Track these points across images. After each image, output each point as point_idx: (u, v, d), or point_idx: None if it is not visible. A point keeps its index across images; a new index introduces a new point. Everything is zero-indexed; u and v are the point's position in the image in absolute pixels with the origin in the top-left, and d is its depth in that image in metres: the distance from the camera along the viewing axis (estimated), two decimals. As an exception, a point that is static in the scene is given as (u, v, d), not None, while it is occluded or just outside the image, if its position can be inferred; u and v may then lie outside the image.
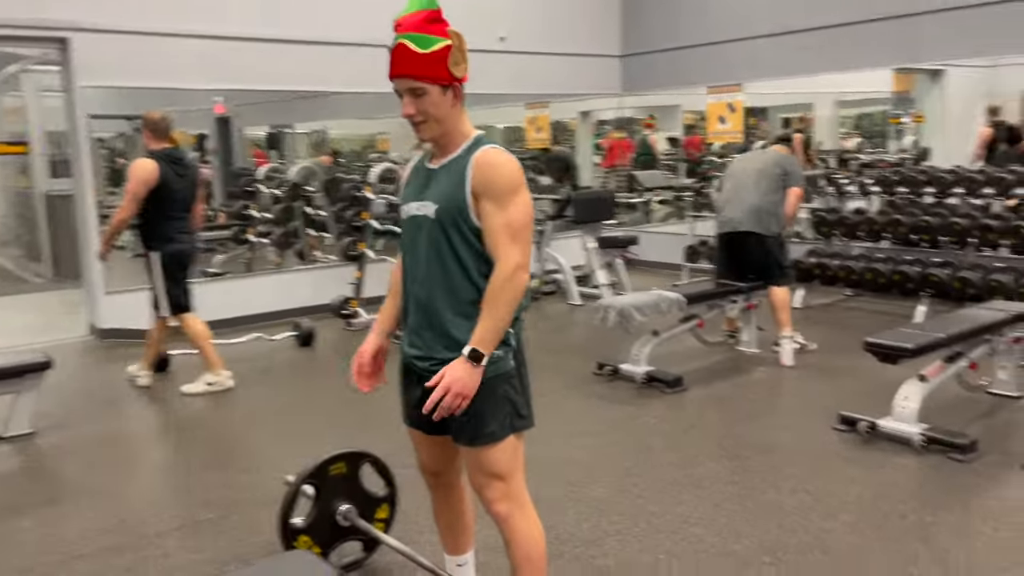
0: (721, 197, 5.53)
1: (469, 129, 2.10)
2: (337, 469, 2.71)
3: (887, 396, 4.06)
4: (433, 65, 1.97)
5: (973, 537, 2.95)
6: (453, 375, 1.96)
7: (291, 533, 2.64)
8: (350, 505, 2.74)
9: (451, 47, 1.99)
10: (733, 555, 2.87)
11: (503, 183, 2.00)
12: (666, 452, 3.85)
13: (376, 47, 6.94)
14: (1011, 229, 5.84)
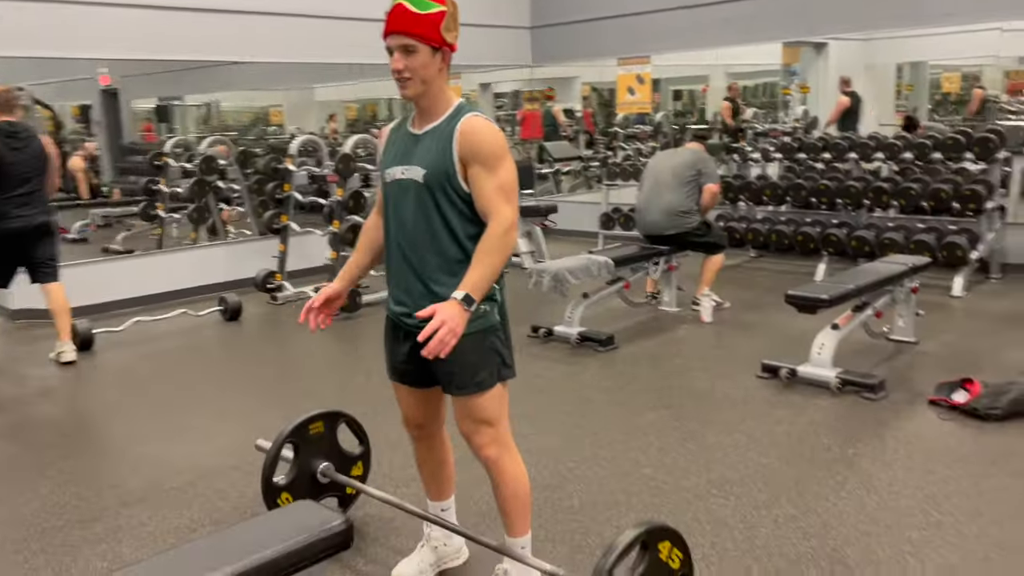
0: (640, 198, 5.69)
1: (452, 96, 2.20)
2: (315, 428, 2.79)
3: (799, 346, 4.42)
4: (427, 26, 2.07)
5: (890, 462, 3.30)
6: (445, 313, 2.03)
7: (274, 491, 2.70)
8: (328, 463, 2.83)
9: (446, 13, 2.09)
10: (685, 490, 3.11)
11: (489, 149, 2.12)
12: (608, 405, 4.08)
13: (272, 15, 6.97)
14: (900, 191, 6.35)
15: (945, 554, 2.61)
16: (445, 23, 2.09)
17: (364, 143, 6.37)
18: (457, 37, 2.14)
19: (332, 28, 7.28)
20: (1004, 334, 5.03)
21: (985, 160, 6.10)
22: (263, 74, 10.22)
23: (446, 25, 2.10)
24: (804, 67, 10.60)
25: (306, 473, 2.77)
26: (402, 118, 2.33)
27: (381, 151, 2.35)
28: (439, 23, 2.09)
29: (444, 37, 2.10)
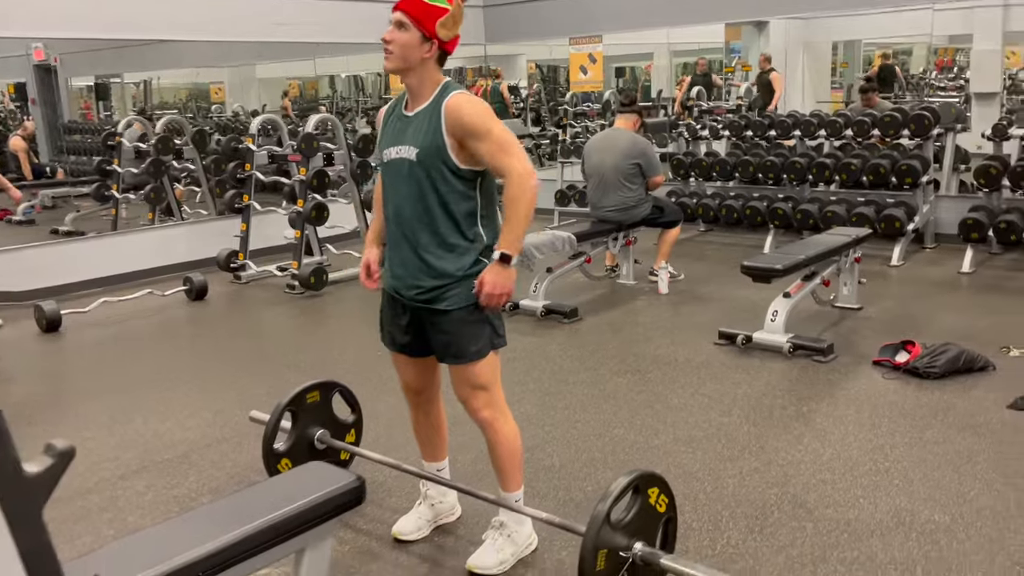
0: (589, 194, 5.82)
1: (439, 78, 2.35)
2: (312, 397, 2.93)
3: (751, 315, 4.70)
4: (426, 13, 2.22)
5: (841, 418, 3.58)
6: (492, 279, 2.26)
7: (274, 457, 2.84)
8: (324, 430, 2.97)
9: (447, 11, 2.24)
10: (655, 448, 3.34)
11: (474, 119, 2.27)
12: (577, 372, 4.29)
13: None
14: (842, 167, 6.68)
15: (894, 496, 2.89)
16: (444, 20, 2.24)
17: (325, 123, 6.41)
18: (451, 38, 2.29)
19: (271, 6, 7.26)
20: (938, 299, 5.39)
21: (920, 137, 6.46)
22: (204, 51, 10.09)
23: (444, 22, 2.24)
24: (746, 45, 10.92)
25: (304, 440, 2.91)
26: (395, 100, 2.46)
27: (379, 132, 2.48)
28: (438, 17, 2.23)
29: (437, 31, 2.25)
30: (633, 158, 5.56)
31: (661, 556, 2.13)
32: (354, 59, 13.01)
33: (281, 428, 2.91)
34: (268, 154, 6.51)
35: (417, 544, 2.66)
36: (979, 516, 2.74)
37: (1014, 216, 5.73)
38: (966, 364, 3.98)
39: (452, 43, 2.31)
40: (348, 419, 3.08)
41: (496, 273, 2.27)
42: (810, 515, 2.79)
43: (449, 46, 2.31)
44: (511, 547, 2.50)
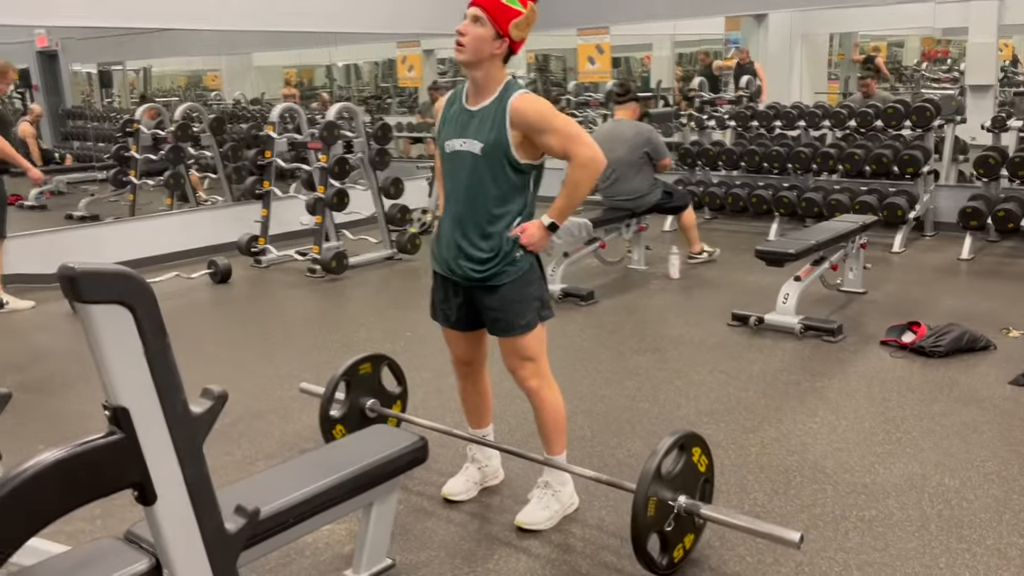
0: (599, 182, 5.85)
1: (503, 76, 2.52)
2: (364, 369, 3.11)
3: (760, 298, 4.90)
4: (502, 12, 2.40)
5: (853, 393, 3.80)
6: (532, 233, 2.51)
7: (330, 422, 3.02)
8: (375, 399, 3.16)
9: (521, 14, 2.41)
10: (680, 419, 3.54)
11: (539, 117, 2.46)
12: (599, 351, 4.49)
13: None
14: (845, 156, 6.89)
15: (906, 462, 3.10)
16: (518, 21, 2.41)
17: (346, 111, 6.57)
18: (521, 39, 2.47)
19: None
20: (939, 284, 5.61)
21: (921, 128, 6.67)
22: (207, 39, 10.21)
23: (518, 23, 2.42)
24: (745, 36, 11.09)
25: (356, 408, 3.10)
26: (454, 93, 2.64)
27: (438, 122, 2.66)
28: (513, 17, 2.40)
29: (510, 30, 2.42)
30: (641, 147, 5.76)
31: (702, 507, 2.33)
32: (353, 48, 13.12)
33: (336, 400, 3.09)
34: (288, 141, 6.66)
35: (466, 504, 2.86)
36: (986, 480, 2.95)
37: (1012, 205, 5.95)
38: (969, 344, 4.20)
39: (519, 44, 2.49)
40: (395, 390, 3.26)
41: (537, 229, 2.51)
42: (829, 479, 2.99)
43: (517, 46, 2.48)
44: (557, 504, 2.71)
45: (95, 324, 1.27)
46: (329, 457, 2.31)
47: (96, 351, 1.30)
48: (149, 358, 1.32)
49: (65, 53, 11.22)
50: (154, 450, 1.33)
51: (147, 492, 1.33)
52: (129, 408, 1.30)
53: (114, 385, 1.30)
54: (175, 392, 1.34)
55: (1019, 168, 6.05)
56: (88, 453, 1.28)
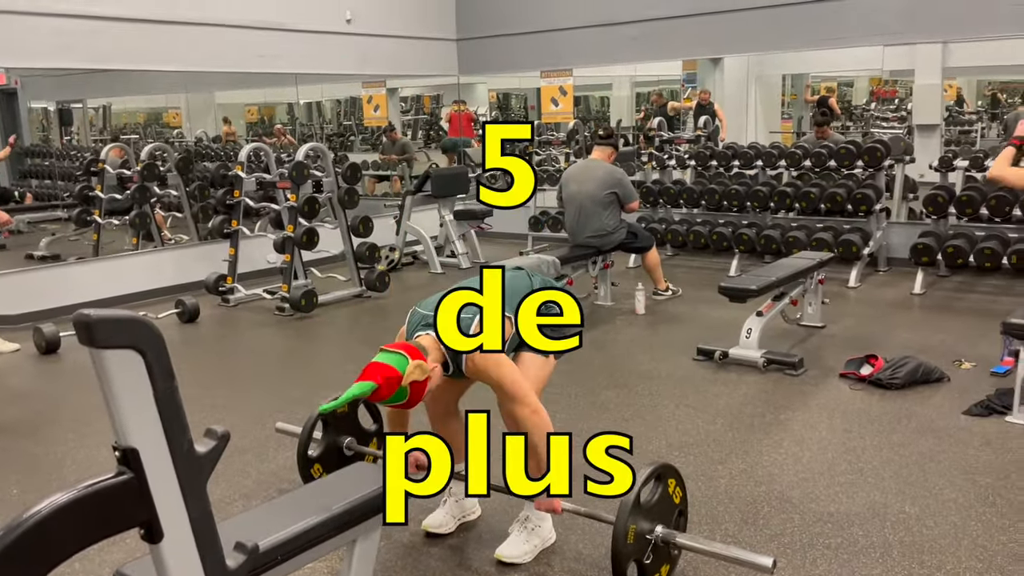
0: (568, 223, 6.14)
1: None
2: (341, 408, 3.15)
3: (724, 333, 5.05)
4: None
5: (815, 425, 3.93)
6: (547, 510, 2.75)
7: (308, 462, 3.06)
8: (352, 437, 3.20)
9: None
10: (651, 453, 3.63)
11: (486, 376, 2.64)
12: (568, 386, 4.57)
13: (173, 24, 7.10)
14: (801, 195, 7.13)
15: (868, 491, 3.22)
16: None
17: (314, 150, 6.64)
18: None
19: (231, 37, 7.48)
20: (893, 318, 5.81)
21: (873, 167, 6.94)
22: (167, 77, 10.23)
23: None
24: (702, 77, 11.45)
25: (333, 447, 3.14)
26: None
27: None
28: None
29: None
30: (610, 187, 5.91)
31: (678, 535, 2.42)
32: (316, 87, 13.23)
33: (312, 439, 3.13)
34: (257, 180, 6.70)
35: (447, 538, 2.91)
36: (944, 507, 3.09)
37: (960, 241, 6.21)
38: (924, 375, 4.37)
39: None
40: (371, 428, 3.31)
41: (546, 504, 2.67)
42: (796, 508, 3.10)
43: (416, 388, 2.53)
44: (536, 539, 2.77)
45: (108, 369, 1.32)
46: (315, 495, 2.35)
47: (108, 394, 1.35)
48: (158, 400, 1.37)
49: (24, 90, 11.14)
50: (162, 489, 1.38)
51: (154, 530, 1.38)
52: (139, 448, 1.35)
53: (124, 426, 1.35)
54: (182, 433, 1.40)
55: (966, 206, 6.33)
56: (99, 493, 1.32)
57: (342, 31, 8.31)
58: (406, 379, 2.41)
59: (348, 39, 8.37)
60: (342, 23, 8.31)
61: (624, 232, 6.07)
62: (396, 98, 13.91)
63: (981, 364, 4.58)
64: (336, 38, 8.27)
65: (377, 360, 2.42)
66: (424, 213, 8.19)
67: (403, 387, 2.42)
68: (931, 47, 7.79)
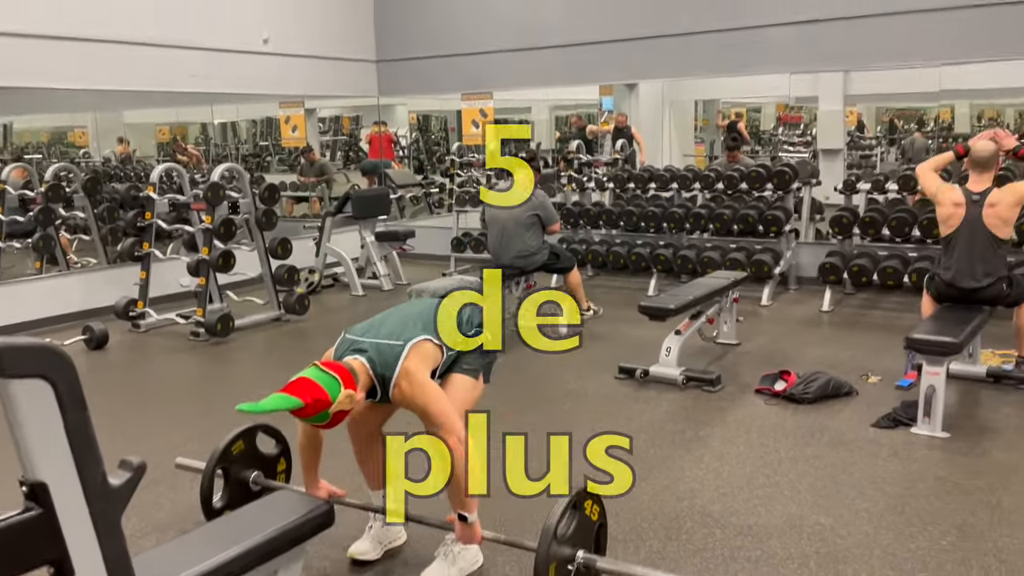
0: (491, 245, 6.18)
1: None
2: (237, 447, 3.00)
3: (644, 351, 5.13)
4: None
5: (733, 440, 4.03)
6: (464, 539, 2.72)
7: (214, 513, 2.92)
8: (257, 471, 3.08)
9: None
10: (575, 472, 3.65)
11: (412, 402, 2.63)
12: (491, 407, 4.50)
13: (77, 41, 6.89)
14: (715, 216, 7.35)
15: (785, 504, 3.32)
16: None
17: (230, 171, 6.50)
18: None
19: (140, 55, 7.30)
20: (804, 334, 6.03)
21: (782, 190, 7.22)
22: (73, 95, 9.87)
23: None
24: (618, 102, 11.71)
25: (239, 487, 2.98)
26: None
27: None
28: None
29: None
30: (532, 210, 5.97)
31: (598, 560, 2.45)
32: (232, 106, 12.97)
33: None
34: (170, 202, 6.50)
35: (373, 564, 2.86)
36: (857, 517, 3.20)
37: (864, 260, 6.50)
38: (834, 390, 4.54)
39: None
40: (274, 451, 3.17)
41: (464, 531, 2.64)
42: (717, 523, 3.17)
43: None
44: (462, 562, 2.75)
45: (15, 400, 1.25)
46: (233, 526, 2.29)
47: (15, 426, 1.28)
48: (69, 432, 1.31)
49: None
50: (73, 525, 1.31)
51: (65, 569, 1.31)
52: (48, 483, 1.29)
53: (32, 460, 1.29)
54: (95, 465, 1.33)
55: (869, 227, 6.63)
56: (4, 531, 1.25)
57: (258, 51, 8.18)
58: (335, 407, 2.37)
59: (265, 59, 8.24)
60: (259, 43, 8.18)
61: (546, 253, 6.13)
62: (315, 118, 13.75)
63: (887, 378, 4.78)
64: (252, 58, 8.13)
65: (309, 376, 2.37)
66: (345, 235, 8.10)
67: (327, 412, 2.38)
68: (833, 75, 8.15)
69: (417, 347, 2.60)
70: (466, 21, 8.98)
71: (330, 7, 9.09)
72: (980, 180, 4.50)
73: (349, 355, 2.58)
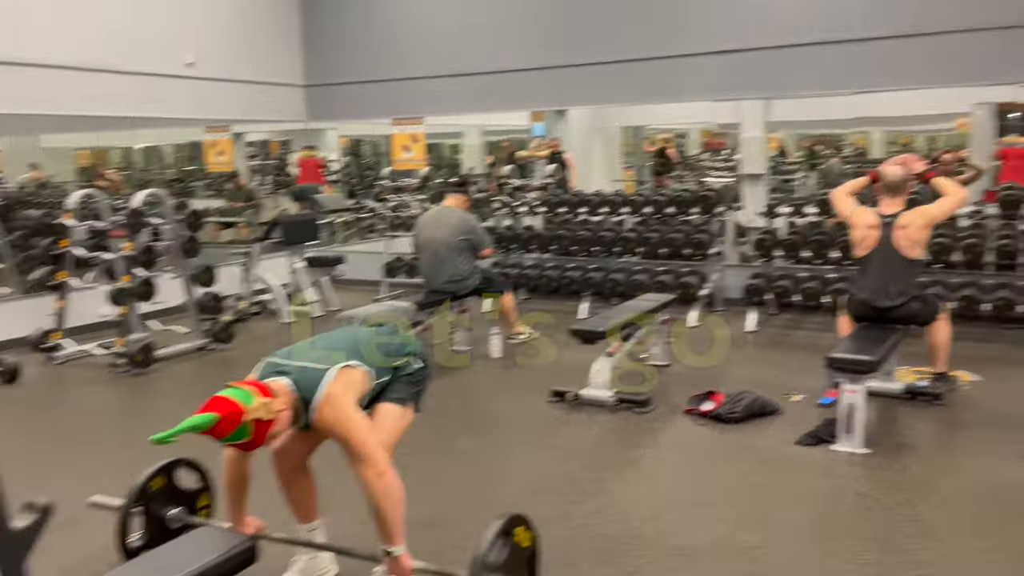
0: (422, 269, 6.14)
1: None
2: (157, 483, 2.88)
3: (577, 374, 5.16)
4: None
5: (664, 460, 4.08)
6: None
7: (131, 553, 2.80)
8: (177, 508, 2.96)
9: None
10: (508, 498, 3.63)
11: (334, 428, 2.58)
12: (423, 434, 4.46)
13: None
14: (643, 240, 7.48)
15: (714, 523, 3.36)
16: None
17: (152, 196, 6.32)
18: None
19: (55, 78, 7.10)
20: (731, 355, 6.14)
21: (707, 214, 7.39)
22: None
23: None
24: (548, 127, 11.86)
25: (158, 525, 2.85)
26: None
27: None
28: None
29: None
30: (463, 234, 5.97)
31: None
32: (155, 131, 12.68)
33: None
34: (88, 229, 6.28)
35: (300, 601, 2.78)
36: (782, 534, 3.27)
37: (787, 282, 6.69)
38: (759, 409, 4.64)
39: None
40: (196, 486, 3.07)
41: (394, 567, 2.58)
42: (649, 544, 3.19)
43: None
44: (391, 593, 2.69)
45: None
46: (151, 566, 2.20)
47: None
48: (-33, 473, 1.24)
49: None
50: (-29, 573, 1.24)
51: (-38, 620, 1.24)
52: (-57, 529, 1.21)
53: (-74, 505, 1.21)
54: (-4, 507, 1.27)
55: (790, 249, 6.83)
56: None
57: (182, 74, 8.02)
58: (250, 414, 2.30)
59: (188, 83, 8.08)
60: (181, 66, 8.02)
61: (479, 277, 6.13)
62: (242, 143, 13.53)
63: (810, 396, 4.90)
64: (175, 81, 7.97)
65: (221, 394, 2.31)
66: (273, 261, 7.95)
67: (246, 424, 2.31)
68: (754, 103, 8.41)
69: (344, 372, 2.56)
70: (396, 47, 8.99)
71: (257, 31, 8.99)
72: (892, 203, 4.70)
73: (271, 378, 2.52)
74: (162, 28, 7.90)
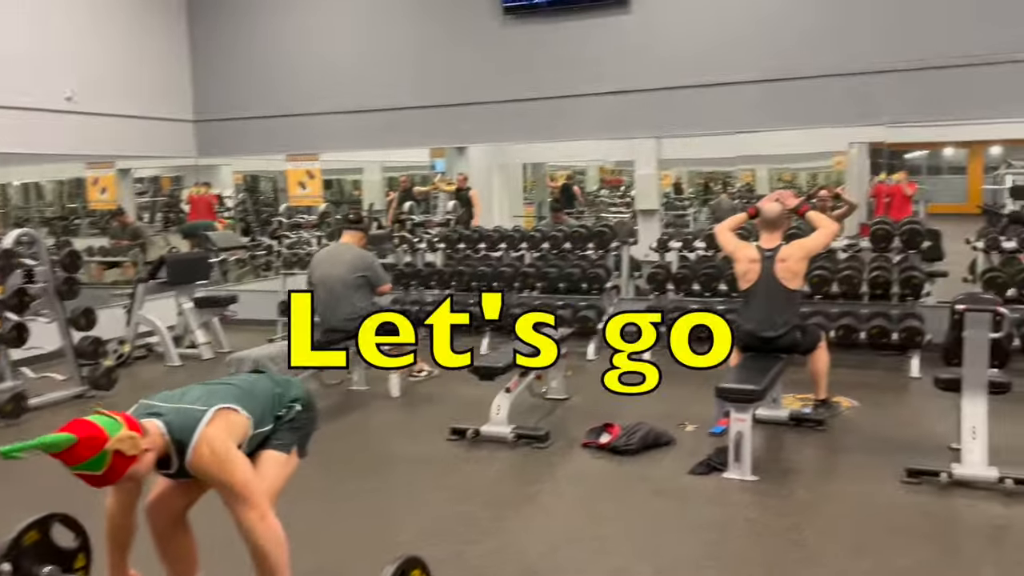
0: (317, 306, 5.90)
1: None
2: (30, 538, 2.71)
3: (476, 410, 5.13)
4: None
5: (563, 494, 4.09)
6: None
7: None
8: (51, 566, 2.78)
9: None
10: (403, 543, 3.53)
11: (214, 472, 2.48)
12: (316, 477, 4.33)
13: None
14: (541, 274, 7.56)
15: (610, 556, 3.38)
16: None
17: (25, 236, 5.98)
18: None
19: None
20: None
21: (602, 249, 7.54)
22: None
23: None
24: (449, 164, 11.92)
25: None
26: None
27: None
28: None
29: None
30: (360, 271, 5.89)
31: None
32: (35, 167, 12.12)
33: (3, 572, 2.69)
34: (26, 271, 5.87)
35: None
36: (677, 564, 3.31)
37: (679, 315, 6.86)
38: (654, 440, 4.71)
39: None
40: (73, 544, 2.89)
41: None
42: (545, 582, 3.17)
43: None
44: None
45: None
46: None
47: None
48: None
49: None
50: None
51: None
52: None
53: None
54: None
55: (681, 282, 7.04)
56: None
57: (60, 109, 7.68)
58: (112, 444, 2.17)
59: (67, 117, 7.74)
60: (60, 100, 7.69)
61: (374, 311, 6.03)
62: (129, 179, 13.04)
63: (702, 425, 5.02)
64: (52, 116, 7.62)
65: (85, 418, 2.19)
66: (161, 301, 7.63)
67: (105, 453, 2.17)
68: (646, 141, 8.69)
69: (223, 414, 2.46)
70: (291, 82, 8.87)
71: (141, 64, 8.70)
72: (771, 238, 4.91)
73: (144, 419, 2.40)
74: (42, 60, 7.56)
